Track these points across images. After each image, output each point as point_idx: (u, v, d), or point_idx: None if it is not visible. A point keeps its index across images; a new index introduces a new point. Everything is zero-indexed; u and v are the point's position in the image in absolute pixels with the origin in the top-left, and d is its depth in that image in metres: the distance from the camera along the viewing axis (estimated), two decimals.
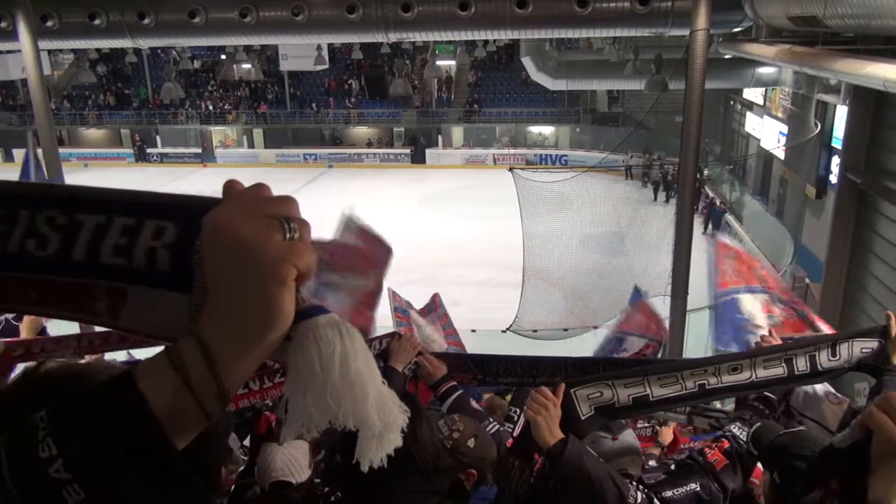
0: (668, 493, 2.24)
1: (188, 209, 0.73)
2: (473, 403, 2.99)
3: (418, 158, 33.98)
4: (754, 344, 2.93)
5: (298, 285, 0.68)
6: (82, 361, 3.03)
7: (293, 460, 2.60)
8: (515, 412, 3.02)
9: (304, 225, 0.69)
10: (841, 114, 14.55)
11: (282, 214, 0.67)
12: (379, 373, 0.72)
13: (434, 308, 7.21)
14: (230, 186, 0.72)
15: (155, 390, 0.63)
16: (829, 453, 1.53)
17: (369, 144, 35.45)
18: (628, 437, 2.74)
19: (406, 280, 10.52)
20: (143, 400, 0.62)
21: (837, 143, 14.76)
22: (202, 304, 0.69)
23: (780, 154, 19.57)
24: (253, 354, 0.67)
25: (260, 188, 0.70)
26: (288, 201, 0.69)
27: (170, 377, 0.64)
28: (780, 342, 2.75)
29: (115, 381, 0.64)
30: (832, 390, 2.69)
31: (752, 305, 4.26)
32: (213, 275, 0.67)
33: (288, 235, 0.66)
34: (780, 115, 20.32)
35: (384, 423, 0.71)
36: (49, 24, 12.41)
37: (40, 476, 0.60)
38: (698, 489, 2.25)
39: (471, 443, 2.23)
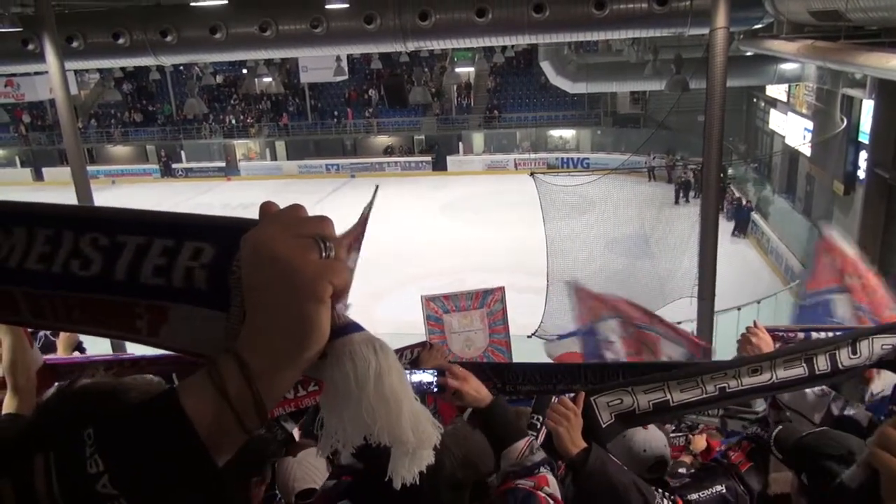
0: (694, 496, 2.22)
1: (225, 230, 0.75)
2: None
3: (439, 166, 34.03)
4: (740, 337, 2.88)
5: (334, 303, 0.70)
6: (114, 378, 3.07)
7: (312, 467, 2.63)
8: (538, 419, 3.00)
9: (340, 244, 0.71)
10: (867, 108, 14.32)
11: (318, 234, 0.69)
12: (412, 389, 0.73)
13: (489, 302, 7.18)
14: (267, 208, 0.74)
15: (196, 408, 0.65)
16: (840, 492, 1.50)
17: (391, 152, 35.58)
18: (659, 443, 2.71)
19: (433, 286, 10.59)
20: (185, 418, 0.64)
21: (864, 138, 14.53)
22: (239, 322, 0.71)
23: (806, 151, 19.29)
24: (290, 371, 0.69)
25: (296, 209, 0.73)
26: (323, 221, 0.71)
27: (210, 394, 0.66)
28: (765, 333, 2.72)
29: (159, 399, 0.67)
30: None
31: (844, 308, 4.02)
32: (251, 293, 0.69)
33: (324, 254, 0.68)
34: (804, 111, 20.04)
35: (417, 440, 0.72)
36: (75, 44, 12.68)
37: (88, 491, 0.62)
38: (724, 491, 2.24)
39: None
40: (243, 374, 0.66)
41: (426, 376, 2.08)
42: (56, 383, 2.79)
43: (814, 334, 2.89)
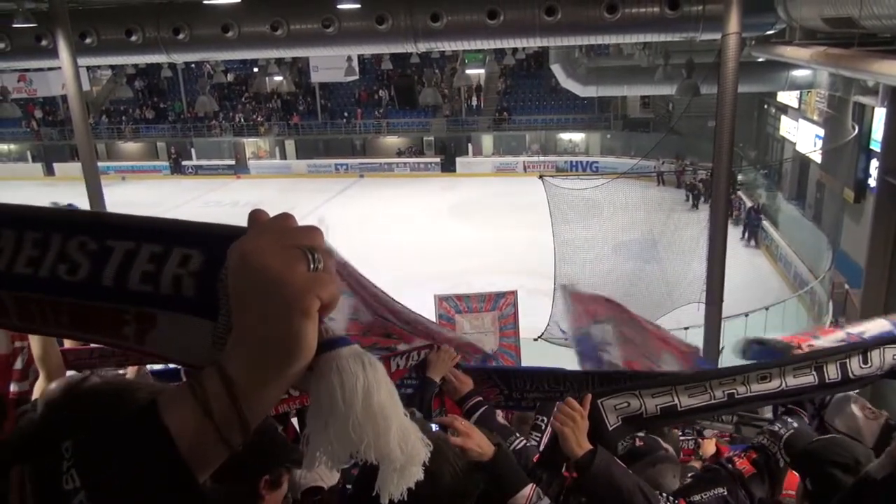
0: (697, 497, 2.23)
1: (214, 238, 0.74)
2: (500, 419, 2.96)
3: (448, 167, 34.04)
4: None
5: (322, 316, 0.68)
6: (124, 375, 3.10)
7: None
8: (542, 420, 2.99)
9: (329, 256, 0.68)
10: (879, 116, 14.25)
11: (307, 245, 0.67)
12: (401, 405, 0.71)
13: (501, 305, 7.20)
14: (256, 216, 0.72)
15: (178, 422, 0.63)
16: (865, 483, 1.50)
17: (400, 153, 35.64)
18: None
19: (440, 288, 10.56)
20: (166, 433, 0.62)
21: (876, 146, 14.45)
22: (227, 331, 0.70)
23: (817, 158, 19.20)
24: (275, 386, 0.67)
25: (285, 218, 0.70)
26: (313, 232, 0.69)
27: (192, 410, 0.64)
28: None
29: (140, 414, 0.65)
30: (868, 404, 2.64)
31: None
32: (237, 304, 0.67)
33: (312, 266, 0.66)
34: (815, 118, 19.95)
35: (406, 457, 0.71)
36: (88, 41, 12.75)
37: None
38: (726, 494, 2.24)
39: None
40: (227, 390, 0.64)
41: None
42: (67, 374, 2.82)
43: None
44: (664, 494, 2.15)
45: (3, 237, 0.82)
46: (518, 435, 2.77)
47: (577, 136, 34.26)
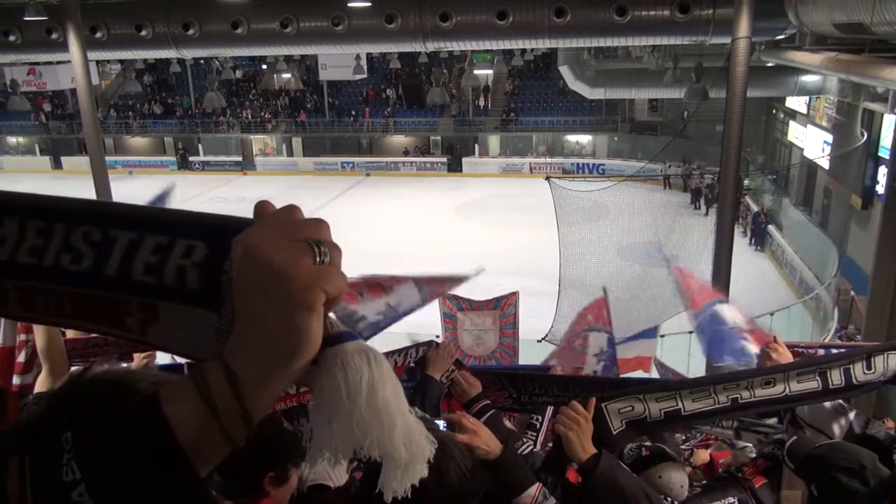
0: None
1: (219, 229, 0.72)
2: (507, 423, 2.95)
3: (455, 167, 34.04)
4: (759, 352, 2.87)
5: (327, 310, 0.67)
6: (126, 366, 3.10)
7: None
8: (537, 420, 2.98)
9: (335, 249, 0.67)
10: (888, 122, 14.20)
11: (313, 238, 0.66)
12: (407, 402, 0.70)
13: (503, 305, 7.28)
14: (262, 208, 0.70)
15: (180, 416, 0.62)
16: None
17: (406, 153, 35.65)
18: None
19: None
20: (167, 426, 0.61)
21: (884, 153, 14.41)
22: (230, 324, 0.69)
23: (825, 164, 19.15)
24: (279, 380, 0.66)
25: (291, 210, 0.69)
26: (319, 224, 0.68)
27: (195, 403, 0.63)
28: (784, 348, 2.70)
29: (141, 405, 0.64)
30: (839, 400, 2.63)
31: (732, 313, 4.16)
32: (241, 297, 0.66)
33: (318, 259, 0.65)
34: (824, 123, 19.88)
35: (410, 454, 0.70)
36: (98, 35, 12.81)
37: (62, 500, 0.59)
38: (735, 503, 2.23)
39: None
40: (230, 384, 0.64)
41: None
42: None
43: (833, 351, 2.87)
44: (668, 499, 2.14)
45: (6, 226, 0.82)
46: (525, 440, 2.76)
47: (584, 139, 34.20)
